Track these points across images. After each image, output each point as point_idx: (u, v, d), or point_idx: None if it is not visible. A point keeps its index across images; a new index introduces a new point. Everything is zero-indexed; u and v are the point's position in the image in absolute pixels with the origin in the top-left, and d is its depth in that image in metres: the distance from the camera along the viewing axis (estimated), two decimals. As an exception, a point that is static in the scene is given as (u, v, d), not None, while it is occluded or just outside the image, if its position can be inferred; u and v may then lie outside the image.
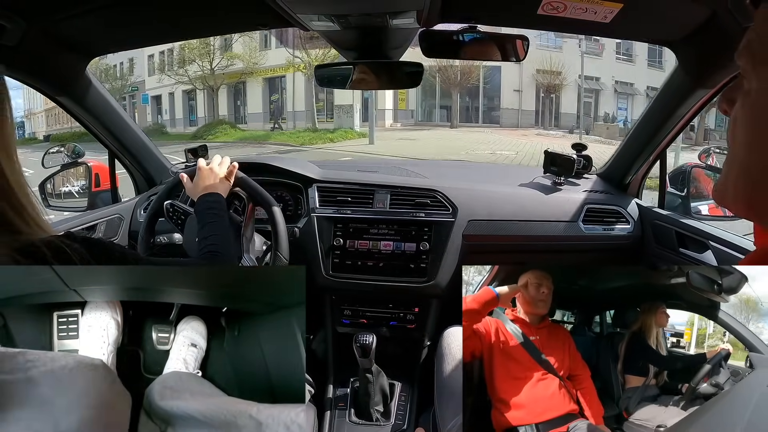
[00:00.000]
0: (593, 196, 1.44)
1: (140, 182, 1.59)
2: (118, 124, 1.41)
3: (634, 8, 0.91)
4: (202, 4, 1.02)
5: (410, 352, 1.44)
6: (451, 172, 1.68)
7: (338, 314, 1.43)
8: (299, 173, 1.44)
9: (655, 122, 1.27)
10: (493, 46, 1.09)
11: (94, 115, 1.34)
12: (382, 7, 0.94)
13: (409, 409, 1.37)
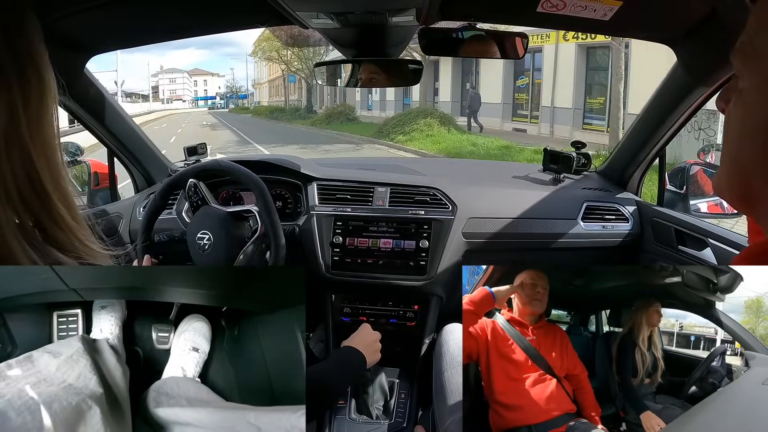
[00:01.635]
0: (592, 194, 1.44)
1: (139, 181, 1.59)
2: (117, 122, 1.40)
3: (633, 5, 0.91)
4: (201, 2, 1.01)
5: (410, 349, 1.44)
6: (451, 170, 1.68)
7: (338, 312, 1.43)
8: (299, 171, 1.44)
9: (655, 120, 1.27)
10: (493, 44, 1.09)
11: (93, 114, 1.33)
12: (382, 5, 0.94)
13: (409, 407, 1.37)
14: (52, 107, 0.45)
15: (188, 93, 74.11)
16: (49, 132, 0.44)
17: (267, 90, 48.13)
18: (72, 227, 0.44)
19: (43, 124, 0.43)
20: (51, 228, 0.43)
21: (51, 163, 0.43)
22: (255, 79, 55.15)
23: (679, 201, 1.34)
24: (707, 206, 1.32)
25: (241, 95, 62.30)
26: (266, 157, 1.48)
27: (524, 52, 1.09)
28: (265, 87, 49.04)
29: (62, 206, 0.43)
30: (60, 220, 0.43)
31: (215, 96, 71.96)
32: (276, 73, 35.25)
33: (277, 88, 39.03)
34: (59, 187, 0.44)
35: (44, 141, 0.43)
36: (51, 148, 0.44)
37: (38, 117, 0.43)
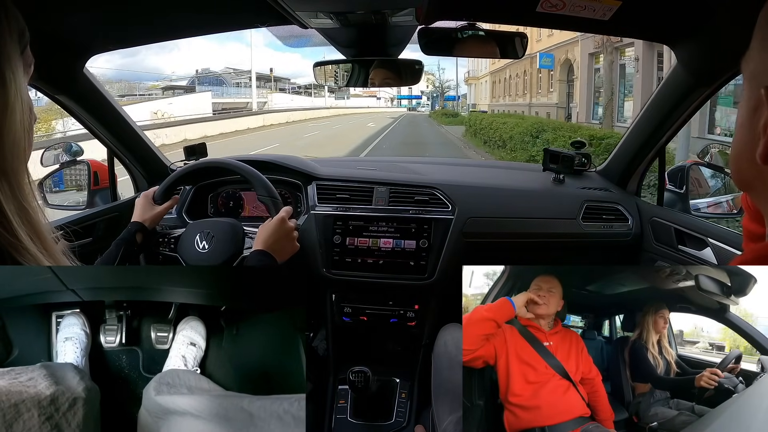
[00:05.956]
0: (592, 194, 1.44)
1: (139, 180, 1.59)
2: (117, 122, 1.40)
3: (632, 5, 0.91)
4: (200, 2, 1.01)
5: (411, 349, 1.45)
6: (451, 170, 1.68)
7: (338, 311, 1.43)
8: (299, 170, 1.44)
9: (655, 119, 1.27)
10: (492, 44, 1.09)
11: (93, 114, 1.33)
12: (381, 4, 0.94)
13: (409, 407, 1.37)
14: (17, 119, 0.40)
15: (387, 90, 62.74)
16: (14, 147, 0.40)
17: (488, 86, 32.03)
18: (32, 252, 0.40)
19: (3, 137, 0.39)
20: (13, 252, 0.39)
21: (13, 183, 0.40)
22: (468, 71, 38.58)
23: (679, 201, 1.34)
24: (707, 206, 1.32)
25: (448, 96, 46.29)
26: (266, 156, 1.47)
27: (524, 51, 1.09)
28: (486, 82, 32.85)
29: (25, 231, 0.40)
30: (19, 247, 0.39)
31: (420, 95, 62.19)
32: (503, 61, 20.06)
33: (508, 83, 25.35)
34: (22, 210, 0.40)
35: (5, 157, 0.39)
36: (13, 169, 0.40)
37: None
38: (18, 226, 0.39)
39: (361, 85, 1.24)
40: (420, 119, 29.67)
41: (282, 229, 1.06)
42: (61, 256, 0.44)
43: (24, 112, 0.41)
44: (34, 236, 0.41)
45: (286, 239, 1.07)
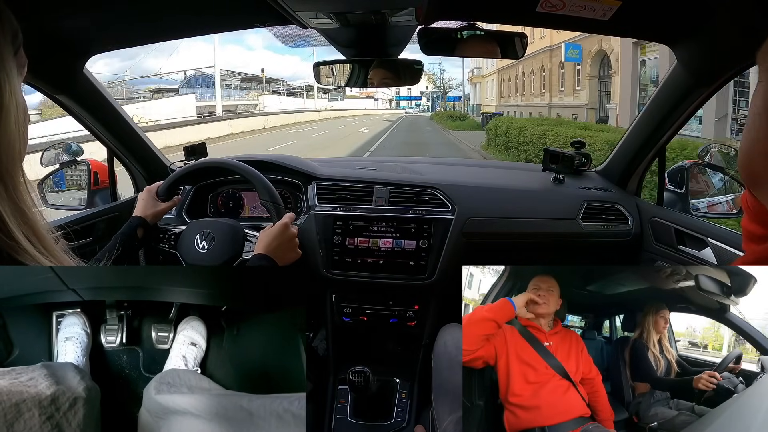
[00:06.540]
0: (592, 194, 1.44)
1: (139, 180, 1.59)
2: (117, 122, 1.40)
3: (632, 5, 0.91)
4: (200, 2, 1.01)
5: (411, 349, 1.45)
6: (451, 170, 1.68)
7: (338, 311, 1.43)
8: (298, 170, 1.44)
9: (655, 119, 1.27)
10: (492, 44, 1.09)
11: (93, 114, 1.33)
12: (381, 4, 0.94)
13: (409, 407, 1.37)
14: (11, 120, 0.40)
15: (385, 90, 59.73)
16: (8, 148, 0.40)
17: (494, 85, 28.65)
18: (31, 253, 0.40)
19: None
20: (11, 253, 0.39)
21: (8, 184, 0.40)
22: (473, 69, 34.39)
23: (679, 201, 1.34)
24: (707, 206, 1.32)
25: (451, 97, 43.77)
26: (266, 156, 1.48)
27: (524, 51, 1.09)
28: (493, 81, 29.27)
29: (21, 232, 0.39)
30: (17, 248, 0.39)
31: (420, 96, 59.14)
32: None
33: (520, 81, 22.20)
34: (19, 211, 0.40)
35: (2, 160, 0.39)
36: (8, 170, 0.39)
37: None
38: (14, 227, 0.39)
39: (360, 85, 1.25)
40: (422, 122, 26.92)
41: (284, 235, 1.06)
42: (61, 255, 0.44)
43: (18, 113, 0.41)
44: (32, 237, 0.41)
45: (288, 245, 1.06)
